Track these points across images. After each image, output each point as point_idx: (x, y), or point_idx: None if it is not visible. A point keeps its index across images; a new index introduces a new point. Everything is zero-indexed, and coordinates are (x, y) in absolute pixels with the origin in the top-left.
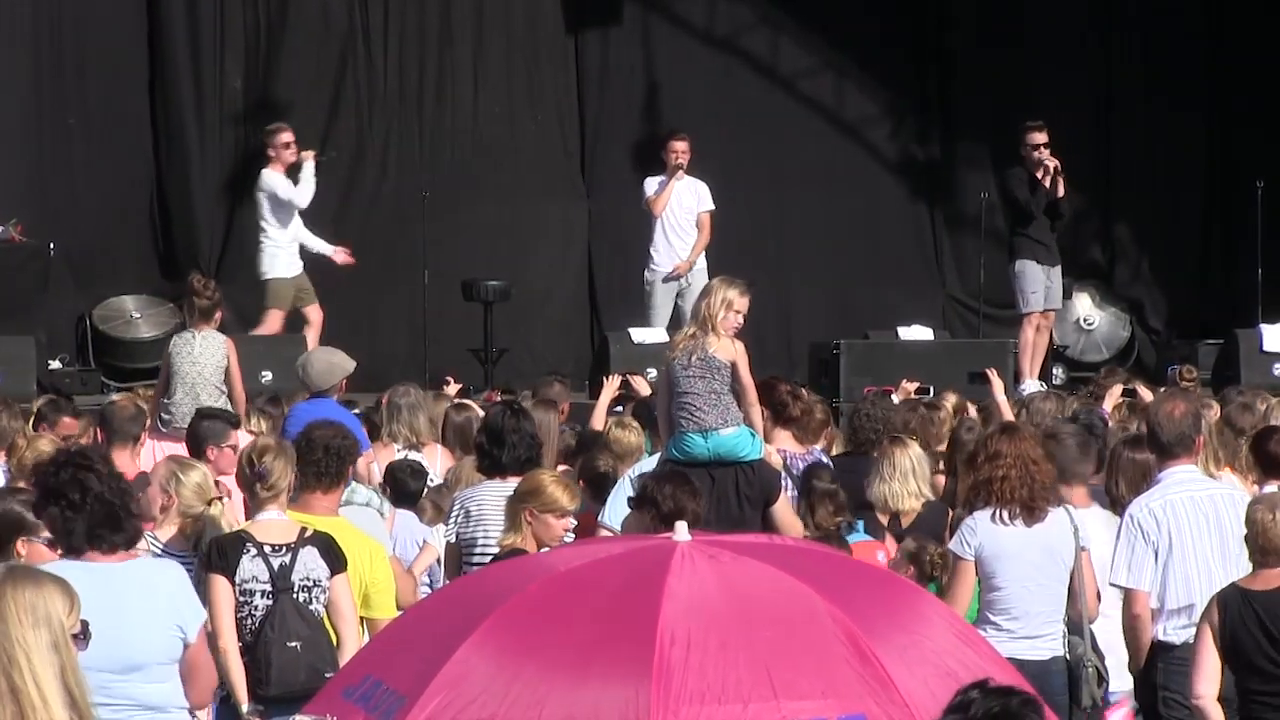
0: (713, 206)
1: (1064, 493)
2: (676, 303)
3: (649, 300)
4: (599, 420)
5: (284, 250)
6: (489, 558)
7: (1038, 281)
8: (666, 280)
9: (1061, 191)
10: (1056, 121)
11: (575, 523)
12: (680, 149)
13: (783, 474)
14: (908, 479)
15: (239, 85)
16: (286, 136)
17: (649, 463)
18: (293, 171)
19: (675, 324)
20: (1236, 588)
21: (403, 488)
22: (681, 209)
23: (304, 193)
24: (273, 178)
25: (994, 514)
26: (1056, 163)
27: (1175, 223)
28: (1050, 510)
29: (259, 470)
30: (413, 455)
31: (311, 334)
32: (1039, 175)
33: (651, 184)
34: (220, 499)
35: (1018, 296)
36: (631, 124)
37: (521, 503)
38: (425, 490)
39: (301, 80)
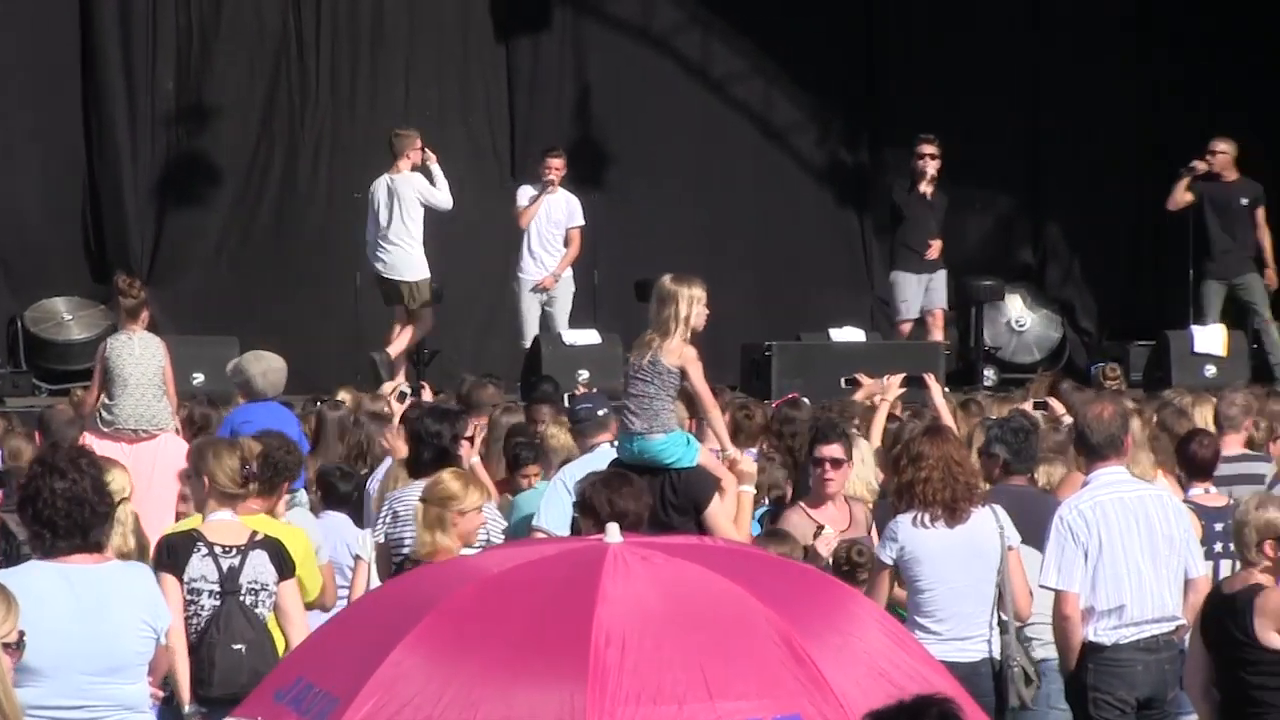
0: (583, 222)
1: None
2: (544, 310)
3: (517, 309)
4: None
5: (421, 250)
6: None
7: (909, 290)
8: (533, 290)
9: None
10: (986, 124)
11: (488, 518)
12: (555, 165)
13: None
14: (859, 468)
15: (171, 87)
16: (419, 140)
17: (581, 463)
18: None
19: (543, 331)
20: None
21: (333, 491)
22: (550, 222)
23: (446, 192)
24: (418, 179)
25: (915, 517)
26: (933, 173)
27: (1106, 224)
28: (974, 510)
29: (205, 469)
30: None
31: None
32: (921, 186)
33: (524, 193)
34: (127, 500)
35: (894, 304)
36: (561, 127)
37: (444, 507)
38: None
39: (234, 82)
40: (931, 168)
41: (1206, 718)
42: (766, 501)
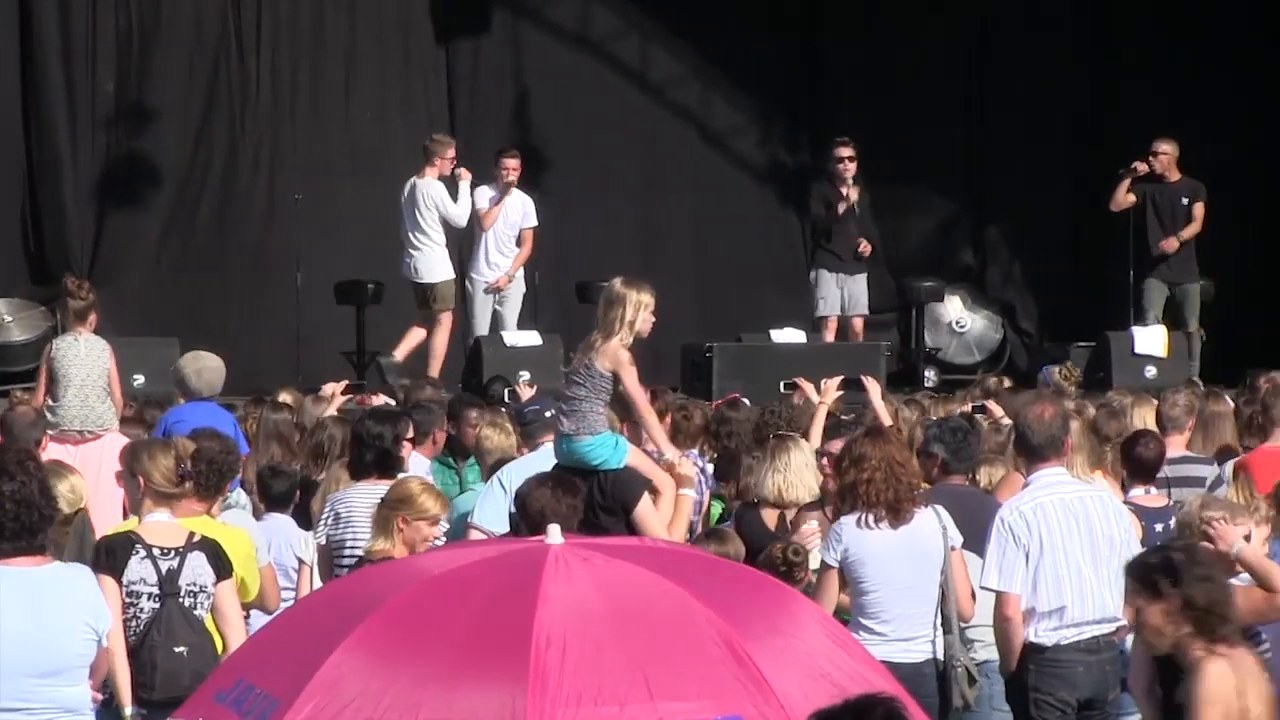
0: (536, 223)
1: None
2: (495, 309)
3: (470, 309)
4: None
5: (443, 253)
6: (358, 559)
7: (826, 288)
8: (486, 291)
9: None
10: (927, 125)
11: (444, 528)
12: (512, 166)
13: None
14: (802, 472)
15: (111, 88)
16: (452, 151)
17: (522, 462)
18: (447, 184)
19: (494, 330)
20: None
21: (267, 490)
22: (505, 224)
23: (464, 212)
24: (438, 188)
25: (860, 518)
26: (849, 183)
27: (1046, 225)
28: (917, 511)
29: (139, 469)
30: None
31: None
32: (841, 190)
33: (483, 195)
34: (84, 509)
35: (814, 302)
36: (501, 130)
37: (393, 510)
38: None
39: (174, 84)
40: (849, 170)
41: (1150, 717)
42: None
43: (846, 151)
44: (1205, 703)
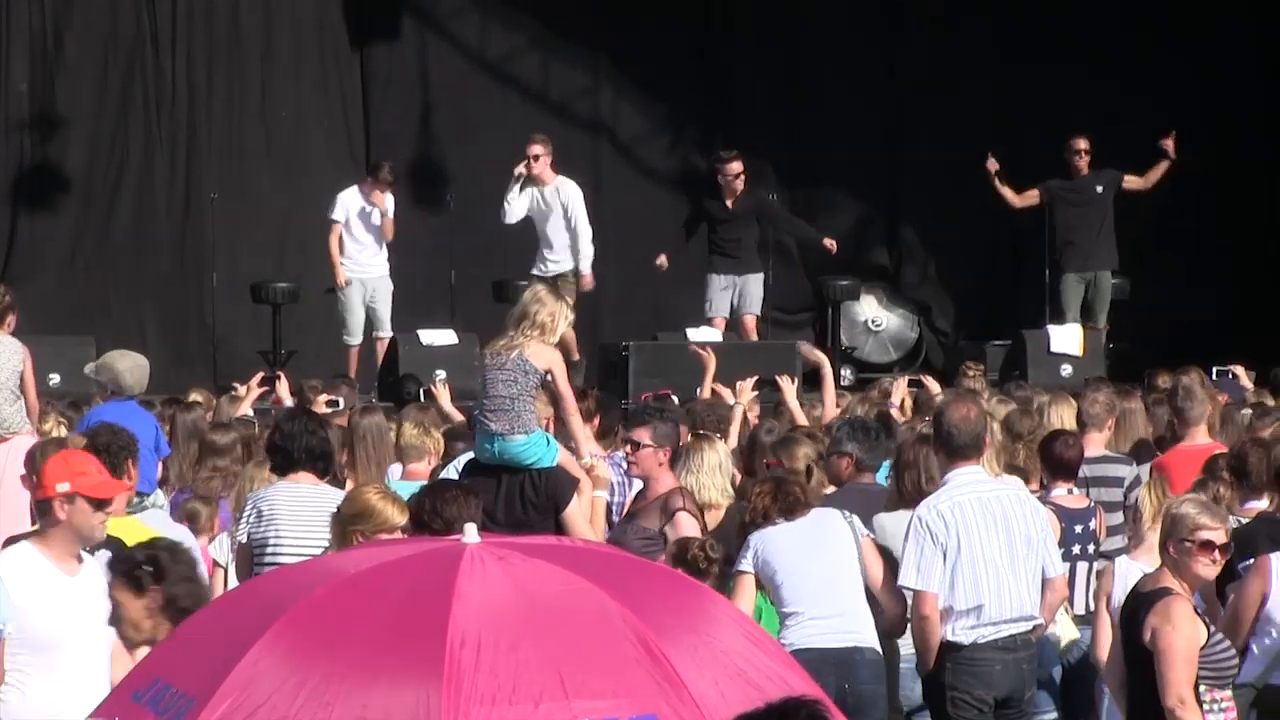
0: (389, 211)
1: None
2: (369, 307)
3: (344, 308)
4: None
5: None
6: (280, 558)
7: (716, 290)
8: (355, 287)
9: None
10: (841, 125)
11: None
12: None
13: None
14: (715, 474)
15: (25, 88)
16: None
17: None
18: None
19: (368, 331)
20: None
21: None
22: (366, 222)
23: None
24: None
25: (761, 524)
26: (738, 186)
27: (962, 225)
28: (814, 508)
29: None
30: None
31: None
32: (728, 203)
33: (343, 200)
34: None
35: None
36: (416, 130)
37: (352, 526)
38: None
39: (89, 83)
40: (737, 184)
41: (1124, 710)
42: None
43: (735, 167)
44: None
